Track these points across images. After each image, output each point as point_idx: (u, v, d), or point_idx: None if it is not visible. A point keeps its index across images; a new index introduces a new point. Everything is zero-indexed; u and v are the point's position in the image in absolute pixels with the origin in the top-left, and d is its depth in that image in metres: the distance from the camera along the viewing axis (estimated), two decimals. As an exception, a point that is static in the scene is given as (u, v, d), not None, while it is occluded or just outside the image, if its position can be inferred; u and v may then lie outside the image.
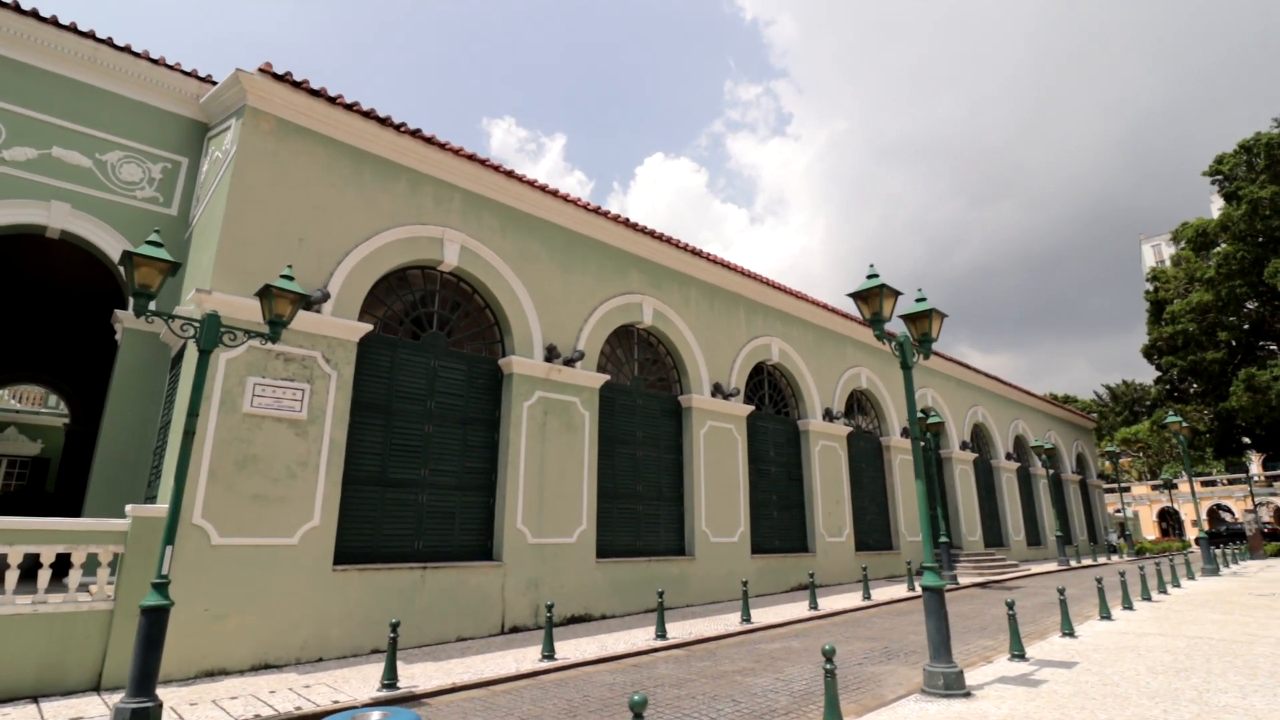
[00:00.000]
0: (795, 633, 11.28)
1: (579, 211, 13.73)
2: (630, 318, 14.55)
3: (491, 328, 12.57)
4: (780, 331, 18.41)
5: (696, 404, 15.33)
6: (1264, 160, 29.82)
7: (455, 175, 12.08)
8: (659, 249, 15.29)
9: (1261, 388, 28.74)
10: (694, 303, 16.10)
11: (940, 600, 7.33)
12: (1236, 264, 30.50)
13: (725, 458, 15.72)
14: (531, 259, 12.97)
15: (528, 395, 12.24)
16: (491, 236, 12.43)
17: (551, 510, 12.10)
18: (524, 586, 11.43)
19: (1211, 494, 57.60)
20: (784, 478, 17.74)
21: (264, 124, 10.22)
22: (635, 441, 14.36)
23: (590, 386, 13.22)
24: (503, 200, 12.73)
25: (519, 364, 12.17)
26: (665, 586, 13.58)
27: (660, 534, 14.27)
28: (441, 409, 11.45)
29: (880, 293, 7.77)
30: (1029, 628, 11.36)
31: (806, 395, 18.71)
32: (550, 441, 12.38)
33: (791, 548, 17.32)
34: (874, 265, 7.93)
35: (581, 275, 13.78)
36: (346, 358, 10.17)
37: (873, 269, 7.96)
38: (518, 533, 11.57)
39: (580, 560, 12.32)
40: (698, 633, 10.90)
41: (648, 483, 14.35)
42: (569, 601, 11.97)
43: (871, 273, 7.93)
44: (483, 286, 12.22)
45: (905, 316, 8.67)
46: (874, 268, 7.97)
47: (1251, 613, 12.30)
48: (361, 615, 9.59)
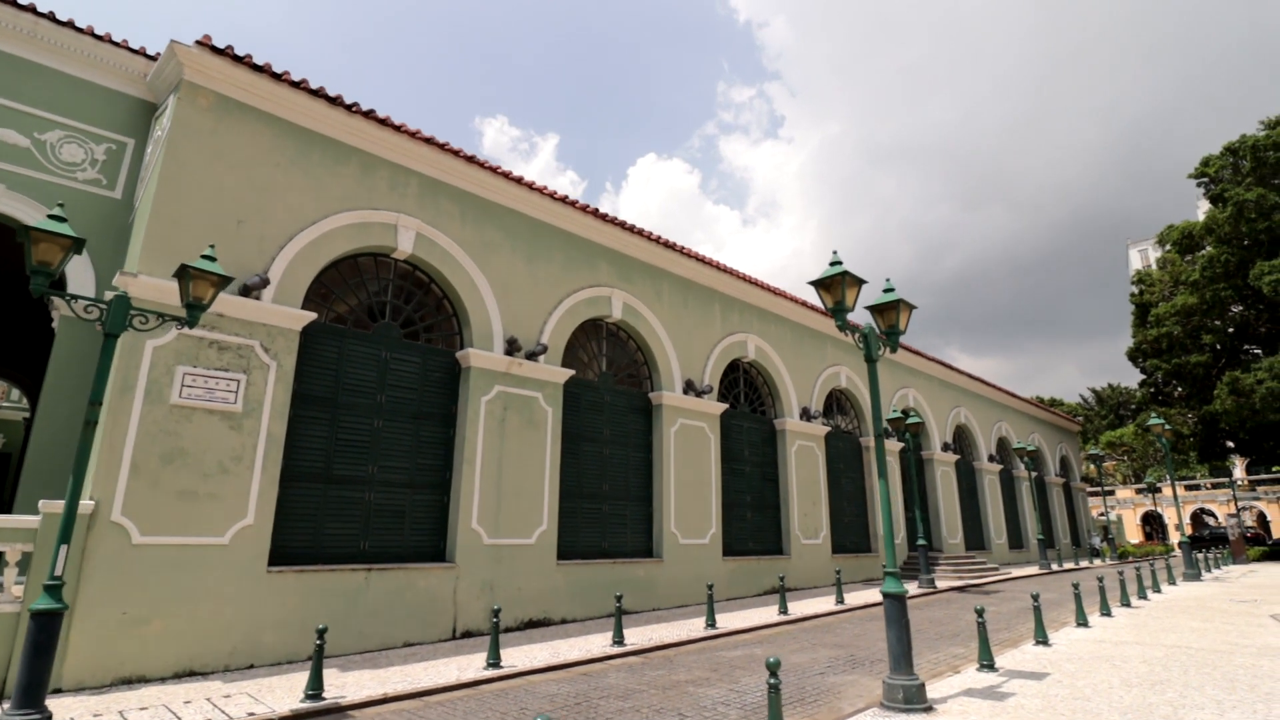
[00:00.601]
0: (761, 639, 10.82)
1: (544, 200, 13.23)
2: (598, 311, 14.06)
3: (449, 319, 12.04)
4: (757, 328, 17.97)
5: (667, 401, 14.85)
6: (1250, 163, 29.68)
7: (411, 159, 11.56)
8: (629, 241, 14.81)
9: (1245, 391, 28.57)
10: (666, 297, 15.63)
11: (901, 608, 6.88)
12: (1221, 267, 30.35)
13: (697, 457, 15.25)
14: (493, 248, 12.46)
15: (486, 390, 11.73)
16: (450, 223, 11.91)
17: (510, 510, 11.59)
18: (478, 589, 10.91)
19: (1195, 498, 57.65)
20: (759, 478, 17.29)
21: (201, 99, 9.67)
22: (602, 439, 13.86)
23: (554, 381, 12.72)
24: (463, 186, 12.22)
25: (477, 357, 11.65)
26: (631, 590, 13.11)
27: (627, 535, 13.79)
28: (393, 403, 10.92)
29: (842, 281, 7.32)
30: (1003, 634, 10.96)
31: (783, 394, 18.27)
32: (510, 438, 11.87)
33: (765, 550, 16.87)
34: (837, 252, 7.48)
35: (547, 266, 13.28)
36: (287, 347, 9.63)
37: (835, 256, 7.51)
38: (472, 533, 11.05)
39: (540, 562, 11.82)
40: (658, 639, 10.42)
41: (615, 482, 13.86)
42: (527, 605, 11.47)
43: (834, 259, 7.47)
44: (440, 276, 11.70)
45: (872, 308, 8.22)
46: (837, 254, 7.52)
47: (1232, 620, 11.94)
48: (299, 619, 9.05)
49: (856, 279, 7.49)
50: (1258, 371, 28.50)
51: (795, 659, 9.19)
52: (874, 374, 7.70)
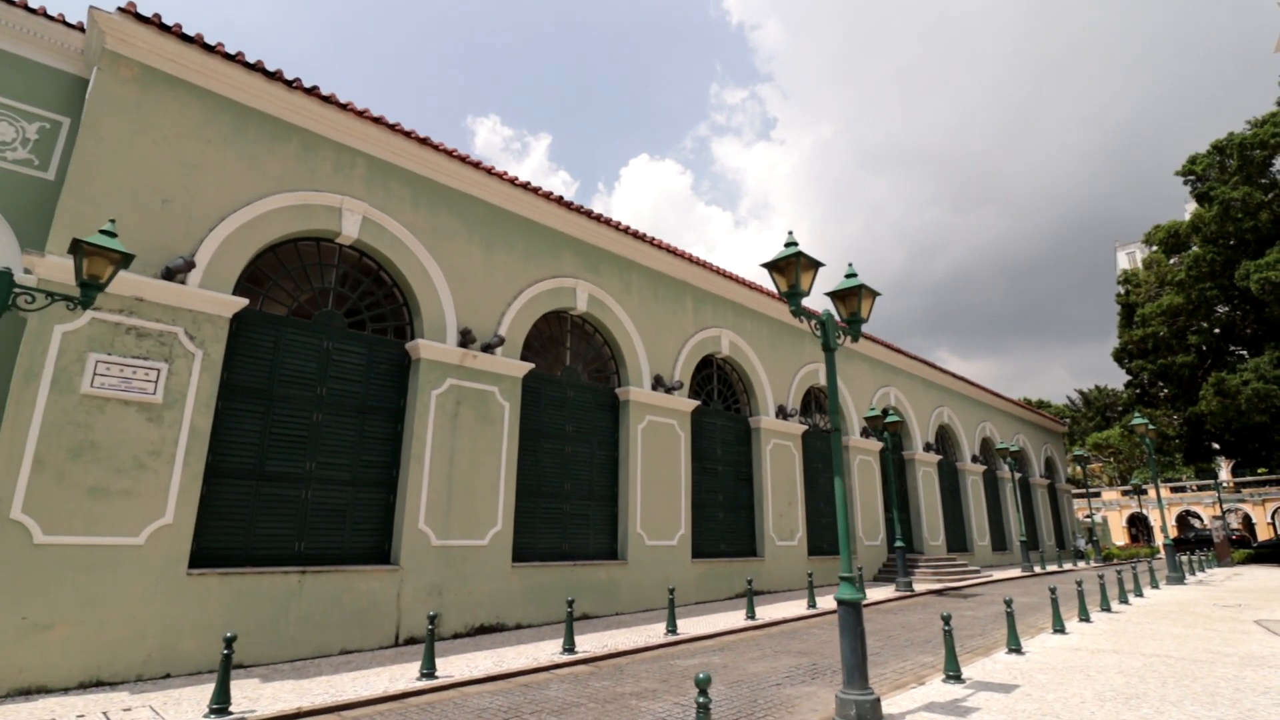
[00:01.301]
0: (722, 645, 10.27)
1: (503, 185, 12.65)
2: (562, 303, 13.48)
3: (399, 309, 11.45)
4: (731, 323, 17.43)
5: (635, 397, 14.29)
6: (1236, 161, 29.40)
7: (358, 139, 10.96)
8: (596, 230, 14.24)
9: (1231, 392, 28.27)
10: (635, 289, 15.07)
11: (856, 617, 6.34)
12: (1207, 266, 30.07)
13: (666, 455, 14.70)
14: (448, 235, 11.88)
15: (437, 383, 11.14)
16: (400, 208, 11.32)
17: (461, 509, 11.01)
18: (424, 593, 10.32)
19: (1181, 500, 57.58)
20: (732, 477, 16.75)
21: (125, 70, 9.05)
22: (564, 436, 13.29)
23: (512, 375, 12.14)
24: (415, 170, 11.63)
25: (428, 348, 11.06)
26: (592, 593, 12.55)
27: (589, 536, 13.22)
28: (335, 396, 10.31)
29: (796, 263, 6.78)
30: (976, 641, 10.45)
31: (759, 391, 17.75)
32: (463, 434, 11.29)
33: (738, 552, 16.34)
34: (792, 233, 6.94)
35: (506, 255, 12.70)
36: (216, 335, 9.01)
37: (791, 237, 6.97)
38: (420, 534, 10.46)
39: (493, 565, 11.24)
40: (613, 646, 9.86)
41: (577, 481, 13.29)
42: (477, 610, 10.88)
43: (789, 240, 6.94)
44: (388, 263, 11.11)
45: (833, 294, 7.70)
46: (792, 235, 6.98)
47: (1215, 626, 11.48)
48: (222, 625, 8.43)
49: (812, 261, 6.96)
50: (1244, 372, 28.22)
51: (753, 668, 8.65)
52: (832, 363, 7.18)
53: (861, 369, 22.31)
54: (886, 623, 12.39)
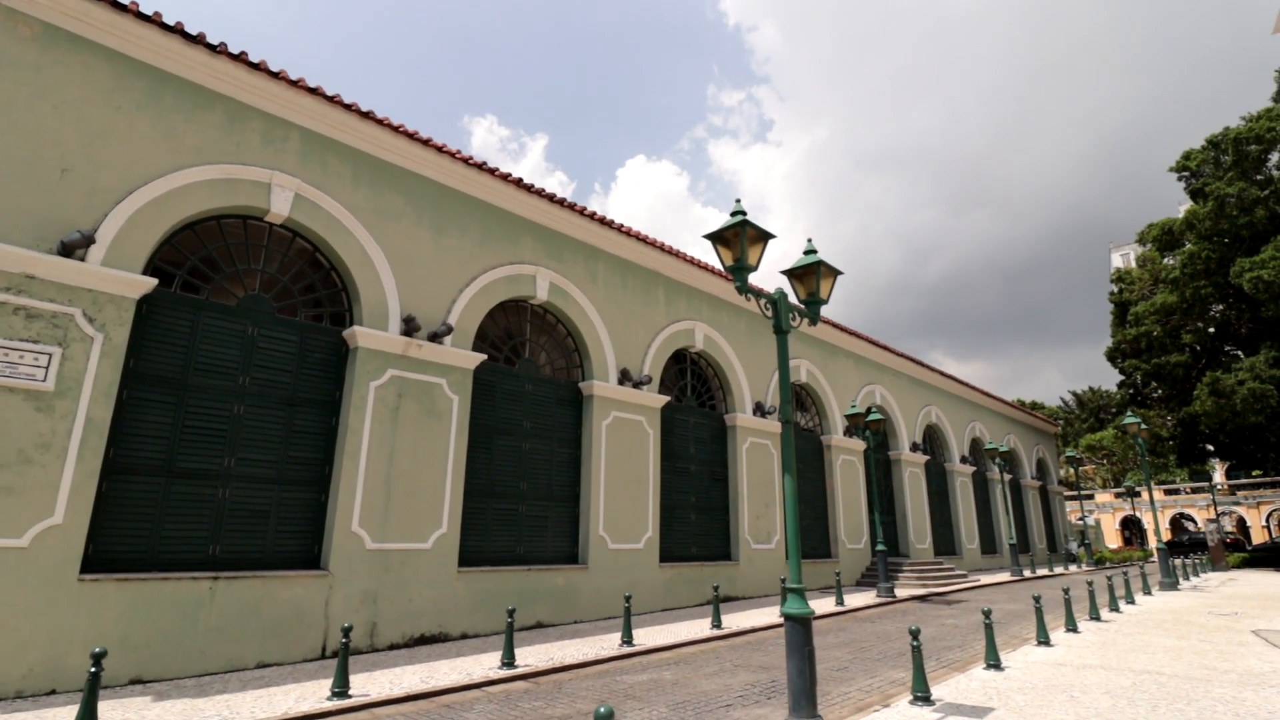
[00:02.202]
0: (680, 658, 9.49)
1: (455, 165, 11.86)
2: (520, 291, 12.70)
3: (338, 294, 10.66)
4: (706, 316, 16.67)
5: (599, 391, 13.51)
6: (1231, 156, 28.75)
7: (292, 110, 10.17)
8: (558, 215, 13.46)
9: (1226, 392, 27.60)
10: (602, 278, 14.29)
11: (804, 635, 5.57)
12: (1201, 264, 29.40)
13: (633, 453, 13.92)
14: (393, 216, 11.09)
15: (377, 374, 10.34)
16: (339, 186, 10.52)
17: (401, 510, 10.21)
18: (357, 601, 9.52)
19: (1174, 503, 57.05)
20: (705, 477, 15.98)
21: (23, 28, 8.24)
22: (521, 433, 12.50)
23: (461, 367, 11.35)
24: (356, 145, 10.84)
25: (367, 336, 10.27)
26: (548, 600, 11.76)
27: (547, 539, 12.43)
28: (260, 386, 9.51)
29: (742, 233, 6.01)
30: (954, 654, 9.69)
31: (735, 387, 16.98)
32: (405, 429, 10.49)
33: (710, 555, 15.56)
34: (740, 200, 6.17)
35: (459, 239, 11.91)
36: (119, 318, 8.21)
37: (739, 204, 6.20)
38: (353, 537, 9.66)
39: (436, 570, 10.44)
40: (559, 659, 9.07)
41: (534, 480, 12.50)
42: (417, 619, 10.08)
43: (736, 209, 6.16)
44: (324, 244, 10.31)
45: (790, 272, 6.95)
46: (740, 203, 6.21)
47: (1210, 637, 10.74)
48: (119, 636, 7.63)
49: (761, 232, 6.19)
50: (1239, 372, 27.56)
51: (706, 685, 7.87)
52: (783, 348, 6.40)
53: (845, 366, 21.57)
54: (861, 632, 11.63)
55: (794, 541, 5.88)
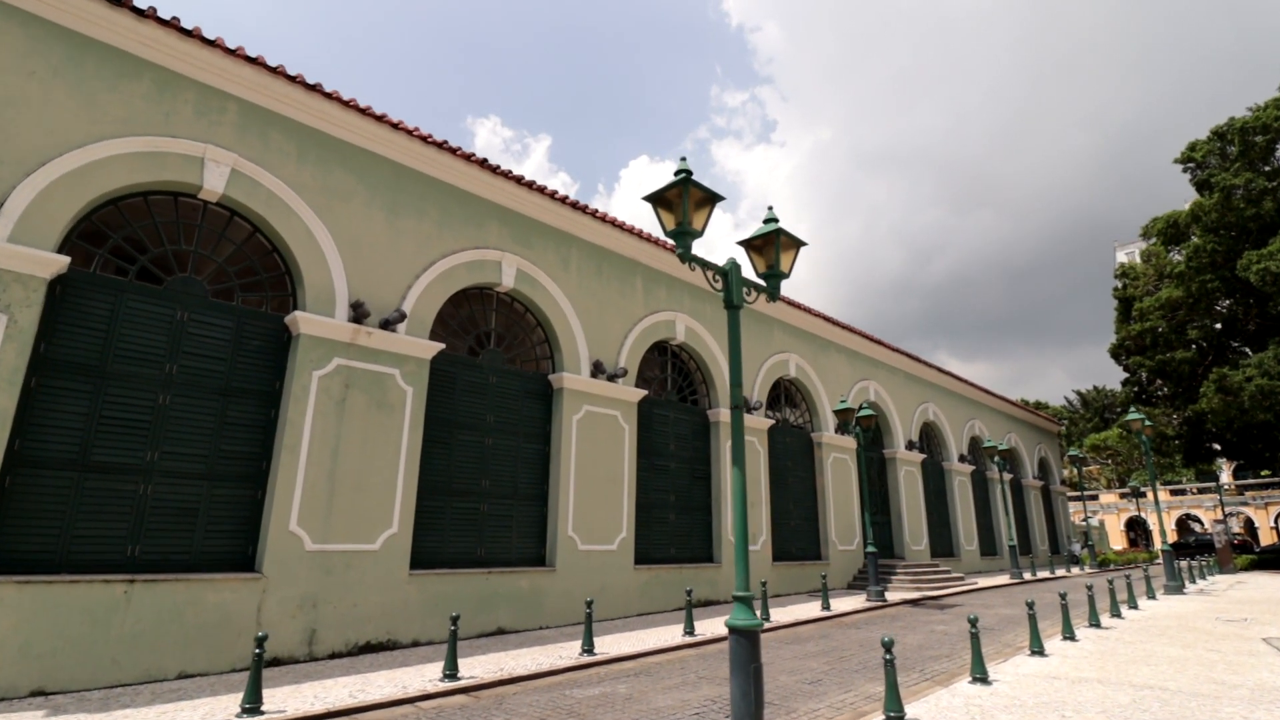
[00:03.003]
0: (643, 669, 8.78)
1: (413, 143, 11.19)
2: (484, 278, 12.01)
3: (281, 277, 9.98)
4: (688, 307, 15.96)
5: (570, 384, 12.81)
6: (1238, 146, 27.92)
7: (231, 81, 9.50)
8: (527, 198, 12.77)
9: (1233, 389, 26.74)
10: (575, 266, 13.59)
11: (749, 650, 4.85)
12: (1208, 257, 28.55)
13: (607, 450, 13.21)
14: (342, 196, 10.41)
15: (321, 362, 9.66)
16: (282, 163, 9.85)
17: (346, 509, 9.52)
18: (294, 606, 8.83)
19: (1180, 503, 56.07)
20: (686, 476, 15.26)
21: (-78, -17, 7.58)
22: (484, 427, 11.80)
23: (416, 356, 10.66)
24: (303, 120, 10.17)
25: (311, 322, 9.59)
26: (511, 604, 11.06)
27: (512, 540, 11.72)
28: (190, 375, 8.83)
29: (684, 193, 5.30)
30: (941, 664, 8.96)
31: (719, 381, 16.26)
32: (352, 422, 9.81)
33: (691, 557, 14.83)
34: (686, 159, 5.46)
35: (417, 222, 11.23)
36: (26, 299, 7.54)
37: (684, 162, 5.49)
38: (291, 537, 8.97)
39: (385, 572, 9.74)
40: (510, 669, 8.37)
41: (498, 477, 11.80)
42: (362, 625, 9.38)
43: (681, 168, 5.45)
44: (264, 223, 9.63)
45: (747, 243, 6.23)
46: (685, 162, 5.50)
47: (1219, 646, 9.98)
48: (19, 643, 6.97)
49: (708, 194, 5.48)
50: (1246, 368, 26.70)
51: (661, 701, 7.16)
52: (735, 324, 5.69)
53: (837, 361, 20.82)
54: (844, 640, 10.90)
55: (741, 542, 5.17)
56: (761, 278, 6.18)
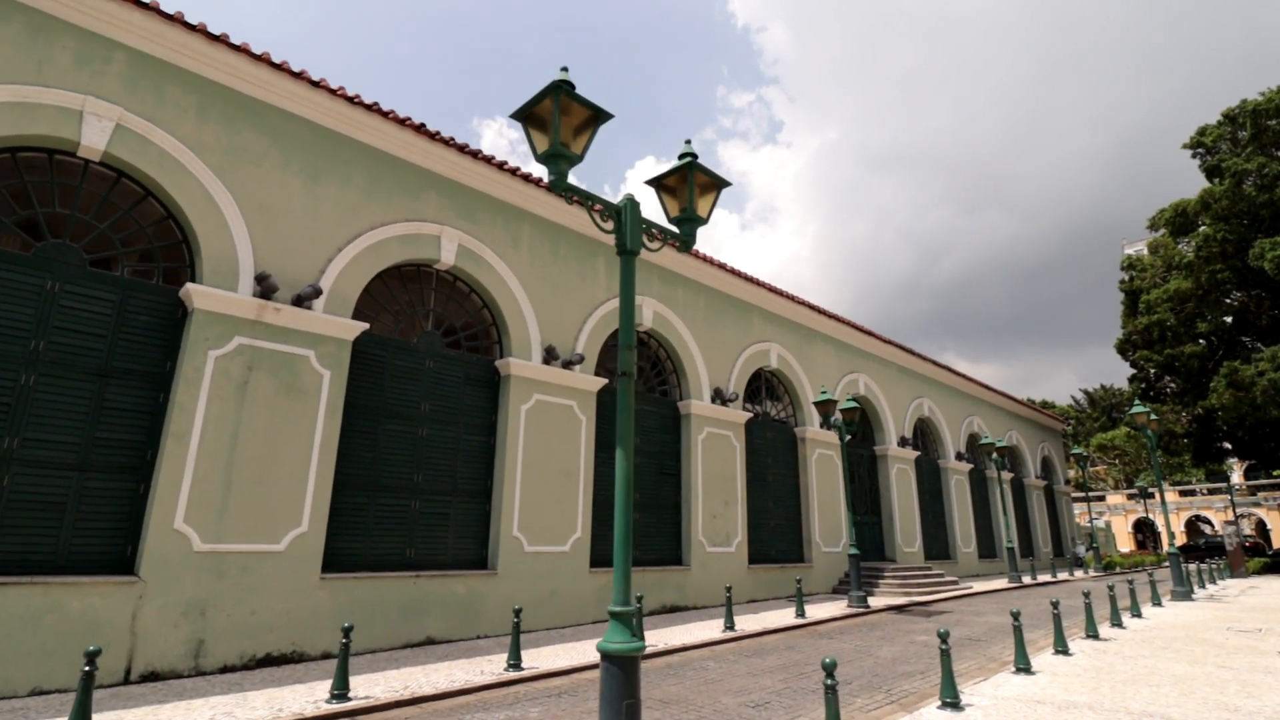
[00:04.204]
0: (571, 687, 7.71)
1: (335, 102, 10.17)
2: (420, 253, 10.98)
3: (178, 247, 8.97)
4: (657, 291, 14.89)
5: (519, 371, 11.77)
6: (1250, 130, 26.67)
7: (118, 28, 8.50)
8: (471, 169, 11.74)
9: (1245, 384, 25.49)
10: (528, 244, 12.55)
11: (624, 683, 3.78)
12: (1218, 246, 27.30)
13: (561, 442, 12.17)
14: (251, 158, 9.40)
15: (220, 341, 8.64)
16: (179, 119, 8.84)
17: (245, 505, 8.50)
18: (178, 614, 7.81)
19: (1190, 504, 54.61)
20: (653, 471, 14.19)
21: None
22: (418, 416, 10.77)
23: (335, 337, 9.64)
24: (206, 74, 9.16)
25: (207, 296, 8.58)
26: (444, 612, 10.02)
27: (448, 541, 10.69)
28: (60, 353, 7.83)
29: (555, 105, 4.24)
30: (914, 683, 7.86)
31: (691, 371, 15.19)
32: (255, 407, 8.79)
33: (657, 559, 13.76)
34: (566, 69, 4.40)
35: (340, 189, 10.21)
36: None
37: (564, 72, 4.42)
38: (176, 536, 7.95)
39: (291, 576, 8.71)
40: (418, 687, 7.33)
41: (434, 471, 10.76)
42: (262, 635, 8.35)
43: (563, 78, 4.39)
44: (156, 185, 8.63)
45: (659, 182, 5.17)
46: (567, 72, 4.43)
47: (1230, 661, 8.85)
48: None
49: (593, 110, 4.41)
50: (1259, 362, 25.45)
51: (572, 729, 6.10)
52: (629, 274, 4.62)
53: (824, 352, 19.70)
54: (811, 652, 9.81)
55: (622, 543, 4.10)
56: (674, 222, 5.11)
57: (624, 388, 4.34)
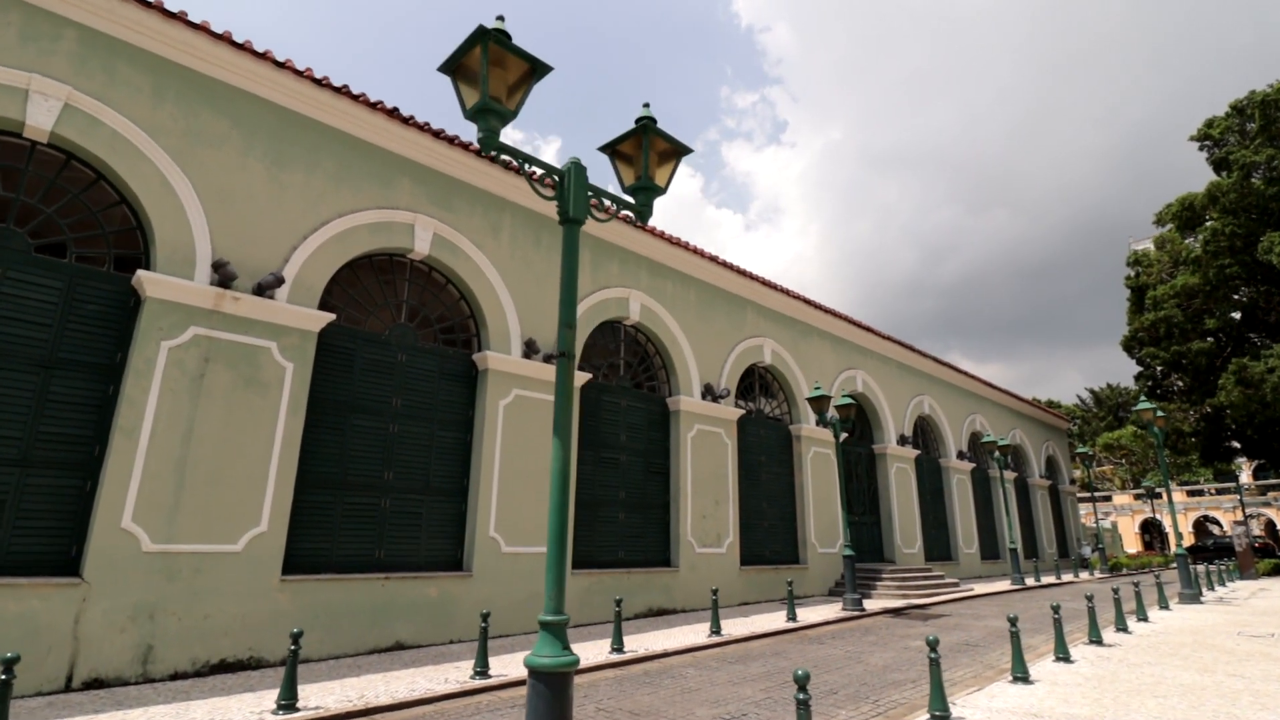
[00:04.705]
0: (539, 696, 7.26)
1: (302, 84, 9.77)
2: (392, 242, 10.56)
3: (132, 233, 8.57)
4: (646, 284, 14.44)
5: (498, 365, 11.35)
6: (1259, 121, 26.09)
7: (66, 3, 8.10)
8: (447, 155, 11.33)
9: (1254, 381, 24.93)
10: (508, 234, 12.13)
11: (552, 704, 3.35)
12: (1226, 240, 26.73)
13: (541, 440, 11.73)
14: (211, 141, 8.99)
15: (173, 331, 8.23)
16: (132, 100, 8.44)
17: (199, 503, 8.08)
18: (125, 618, 7.40)
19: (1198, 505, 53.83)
20: (639, 470, 13.74)
21: None
22: (389, 411, 10.35)
23: (299, 328, 9.22)
24: (163, 53, 8.76)
25: (161, 284, 8.17)
26: (414, 616, 9.60)
27: (420, 541, 10.26)
28: (3, 344, 7.43)
29: (483, 55, 3.80)
30: (896, 694, 7.39)
31: (680, 367, 14.74)
32: (212, 401, 8.38)
33: (643, 561, 13.31)
34: (503, 18, 3.96)
35: (306, 175, 9.80)
36: None
37: (500, 22, 3.98)
38: (124, 536, 7.55)
39: (249, 578, 8.30)
40: (374, 698, 6.91)
41: (406, 469, 10.34)
42: (217, 640, 7.94)
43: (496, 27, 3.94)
44: (107, 168, 8.23)
45: (613, 148, 4.73)
46: (503, 21, 3.99)
47: (1242, 669, 8.35)
48: None
49: (530, 61, 3.97)
50: (1269, 359, 24.88)
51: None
52: (571, 244, 4.20)
53: (820, 348, 19.22)
54: (798, 658, 9.34)
55: (555, 543, 3.68)
56: (629, 192, 4.67)
57: (562, 369, 3.90)
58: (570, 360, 3.94)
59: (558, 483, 3.80)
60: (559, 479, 3.80)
